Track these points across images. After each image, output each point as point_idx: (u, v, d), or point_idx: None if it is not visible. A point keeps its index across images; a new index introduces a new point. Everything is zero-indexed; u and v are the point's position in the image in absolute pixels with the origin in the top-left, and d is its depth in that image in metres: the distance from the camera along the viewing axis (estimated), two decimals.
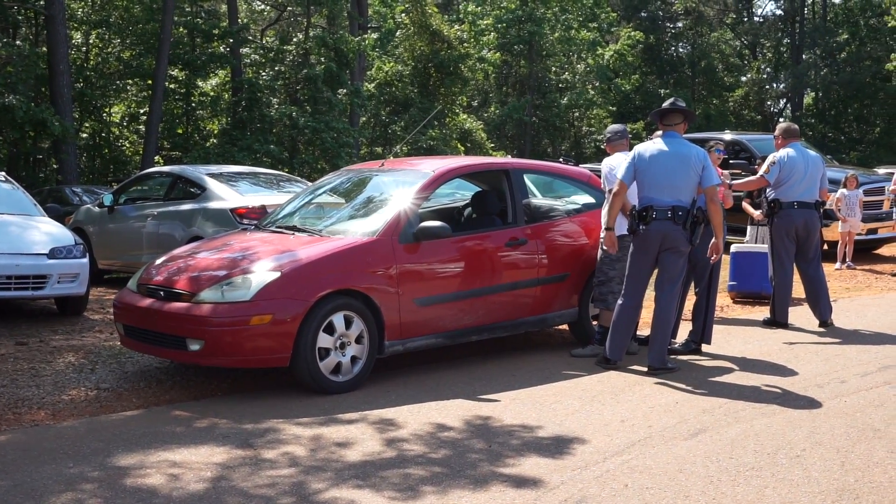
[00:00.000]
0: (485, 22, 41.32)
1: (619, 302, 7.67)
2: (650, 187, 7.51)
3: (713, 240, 7.64)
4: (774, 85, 54.47)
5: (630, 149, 8.11)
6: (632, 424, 6.06)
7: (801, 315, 9.77)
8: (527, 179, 8.72)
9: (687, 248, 7.56)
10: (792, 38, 53.05)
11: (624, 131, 8.62)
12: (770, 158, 9.62)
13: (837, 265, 14.12)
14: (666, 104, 7.83)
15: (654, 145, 7.64)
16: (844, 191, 14.16)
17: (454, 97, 33.74)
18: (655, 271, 7.78)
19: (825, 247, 13.84)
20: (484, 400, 6.69)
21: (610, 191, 7.85)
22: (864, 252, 14.96)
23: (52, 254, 9.74)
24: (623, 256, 7.90)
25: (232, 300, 6.69)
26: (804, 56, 50.94)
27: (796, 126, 10.07)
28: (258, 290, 6.67)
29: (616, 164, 8.04)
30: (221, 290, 6.76)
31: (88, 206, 14.10)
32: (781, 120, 51.69)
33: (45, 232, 10.19)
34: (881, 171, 17.72)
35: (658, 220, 7.43)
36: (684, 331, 8.62)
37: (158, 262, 7.71)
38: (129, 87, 29.95)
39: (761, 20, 57.12)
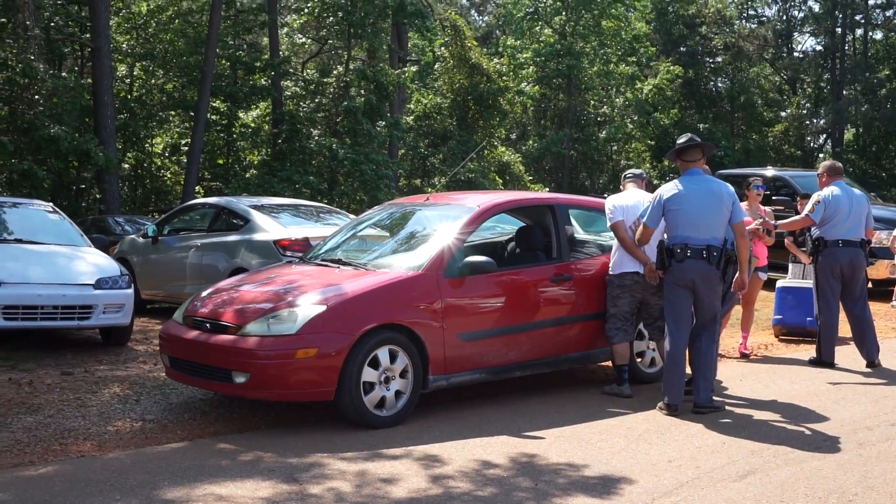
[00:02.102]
0: (524, 55, 41.47)
1: (668, 342, 7.57)
2: (684, 226, 7.44)
3: (737, 274, 7.61)
4: (814, 120, 54.08)
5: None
6: (679, 465, 5.99)
7: (847, 355, 9.64)
8: (571, 214, 8.70)
9: (721, 287, 7.51)
10: (832, 73, 52.72)
11: (641, 174, 8.64)
12: (815, 197, 9.54)
13: (893, 303, 13.95)
14: (682, 140, 7.78)
15: (681, 185, 7.57)
16: None
17: (493, 130, 33.83)
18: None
19: (870, 285, 13.68)
20: (529, 437, 6.64)
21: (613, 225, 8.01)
22: None
23: (99, 284, 9.83)
24: (624, 294, 7.94)
25: (278, 333, 6.71)
26: (844, 92, 50.59)
27: (840, 164, 9.99)
28: (304, 324, 6.69)
29: (619, 203, 8.08)
30: (268, 322, 6.79)
31: (133, 236, 14.25)
32: (822, 156, 51.39)
33: (92, 262, 10.29)
34: None
35: (692, 258, 7.39)
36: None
37: (204, 294, 7.76)
38: (171, 119, 30.29)
39: (801, 56, 56.84)
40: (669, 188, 7.64)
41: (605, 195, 9.65)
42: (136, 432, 6.84)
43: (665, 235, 7.61)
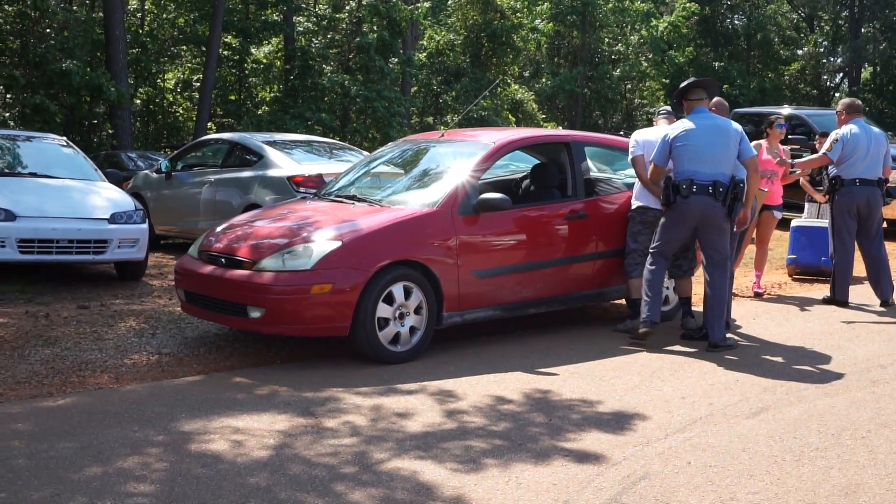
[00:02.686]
0: None
1: (648, 268, 7.63)
2: (691, 160, 7.42)
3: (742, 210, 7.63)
4: (831, 59, 53.48)
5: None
6: (692, 401, 6.02)
7: (861, 294, 9.64)
8: (587, 152, 8.65)
9: (727, 224, 7.49)
10: (851, 10, 51.98)
11: (670, 113, 8.57)
12: (833, 136, 9.46)
13: None
14: (684, 83, 7.80)
15: (688, 123, 7.57)
16: None
17: (506, 67, 33.58)
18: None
19: (885, 224, 13.61)
20: (542, 373, 6.68)
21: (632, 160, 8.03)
22: None
23: (113, 219, 9.85)
24: (645, 230, 7.91)
25: (293, 269, 6.72)
26: (863, 30, 49.91)
27: (859, 102, 9.88)
28: (319, 260, 6.70)
29: (642, 138, 8.06)
30: (283, 258, 6.80)
31: (146, 171, 14.25)
32: (838, 95, 50.89)
33: (106, 197, 10.30)
34: None
35: (697, 194, 7.37)
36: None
37: (219, 229, 7.76)
38: (183, 54, 30.13)
39: None
40: (676, 126, 7.64)
41: (621, 133, 9.58)
42: (152, 365, 6.89)
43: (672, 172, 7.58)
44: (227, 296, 6.95)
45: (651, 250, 7.69)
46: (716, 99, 8.33)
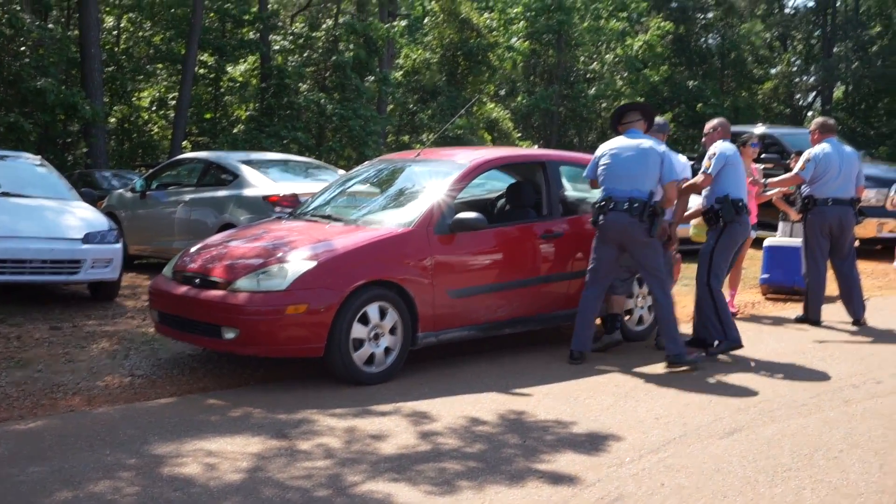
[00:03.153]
0: (514, 10, 41.16)
1: (583, 292, 7.72)
2: (610, 178, 7.59)
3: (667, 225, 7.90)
4: (804, 78, 53.96)
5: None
6: (666, 422, 6.03)
7: (834, 313, 9.69)
8: (562, 171, 8.68)
9: (649, 239, 7.53)
10: (823, 30, 52.54)
11: (663, 125, 8.61)
12: (805, 155, 9.53)
13: None
14: (619, 107, 8.05)
15: (615, 141, 7.75)
16: None
17: (482, 86, 33.66)
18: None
19: (857, 243, 13.72)
20: (517, 394, 6.68)
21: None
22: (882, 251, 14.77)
23: (87, 238, 9.79)
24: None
25: (267, 289, 6.70)
26: (835, 49, 50.45)
27: (833, 121, 9.98)
28: (294, 280, 6.68)
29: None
30: (257, 278, 6.78)
31: (121, 191, 14.18)
32: (811, 114, 51.35)
33: (80, 217, 10.24)
34: None
35: (615, 210, 7.48)
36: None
37: (193, 249, 7.74)
38: (158, 72, 30.05)
39: (792, 12, 56.59)
40: (606, 143, 7.84)
41: None
42: (125, 387, 6.85)
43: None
44: (202, 316, 6.92)
45: (587, 274, 7.76)
46: (721, 121, 8.69)
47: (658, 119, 8.69)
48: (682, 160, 8.72)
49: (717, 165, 8.08)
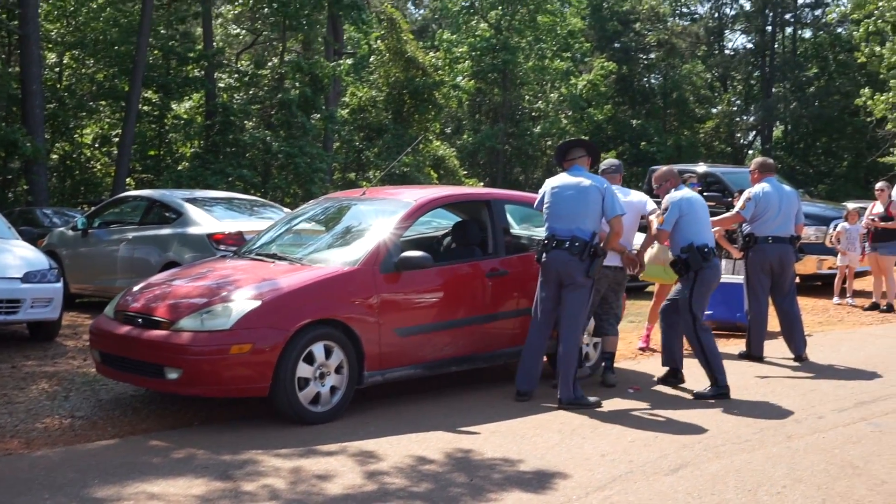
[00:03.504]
0: (459, 50, 41.57)
1: (529, 331, 7.75)
2: (552, 217, 7.65)
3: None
4: (745, 117, 55.05)
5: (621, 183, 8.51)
6: (612, 459, 6.05)
7: (776, 349, 9.82)
8: (507, 210, 8.73)
9: (585, 280, 7.53)
10: (762, 71, 53.69)
11: (618, 166, 8.72)
12: (746, 194, 9.69)
13: (836, 300, 14.21)
14: (563, 143, 8.11)
15: (558, 179, 7.80)
16: (845, 224, 14.27)
17: (428, 124, 33.84)
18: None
19: (797, 280, 13.94)
20: (464, 432, 6.66)
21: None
22: (822, 287, 15.03)
23: (27, 278, 9.64)
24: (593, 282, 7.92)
25: (211, 329, 6.63)
26: (774, 89, 51.55)
27: (772, 161, 10.17)
28: (238, 319, 6.62)
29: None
30: (201, 318, 6.71)
31: (62, 229, 13.99)
32: (751, 152, 52.27)
33: (19, 255, 10.08)
34: (850, 205, 17.90)
35: (556, 249, 7.52)
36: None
37: (136, 288, 7.64)
38: (101, 109, 29.77)
39: (732, 53, 57.79)
40: (550, 179, 7.92)
41: None
42: (65, 429, 6.72)
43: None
44: (144, 356, 6.82)
45: (532, 313, 7.79)
46: (667, 169, 8.78)
47: (613, 161, 8.82)
48: (641, 197, 8.77)
49: (672, 218, 8.17)
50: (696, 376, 8.44)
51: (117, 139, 27.94)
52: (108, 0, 28.28)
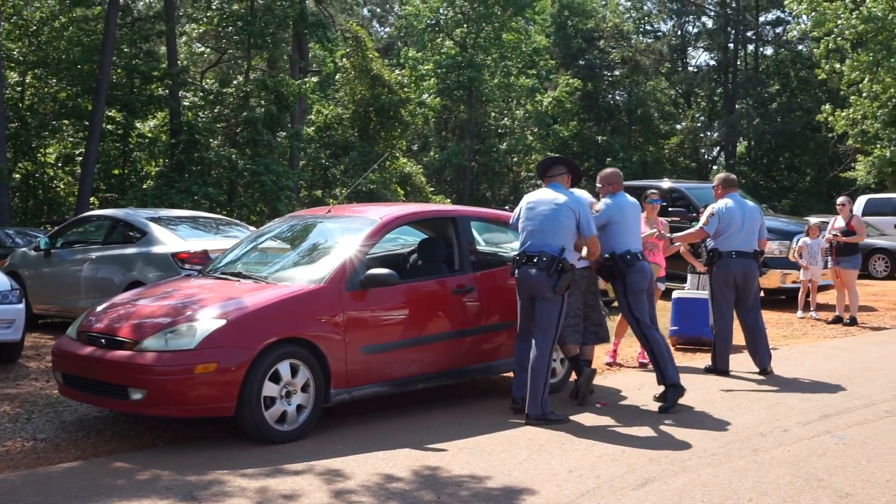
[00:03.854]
0: (425, 67, 41.68)
1: (516, 343, 7.86)
2: (524, 232, 7.73)
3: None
4: (708, 133, 55.57)
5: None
6: (580, 474, 6.05)
7: (741, 363, 9.87)
8: (473, 227, 8.74)
9: (553, 295, 7.55)
10: (725, 87, 54.21)
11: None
12: (709, 210, 9.77)
13: (800, 313, 14.32)
14: (546, 160, 8.17)
15: (536, 194, 7.89)
16: (807, 239, 14.40)
17: (394, 141, 33.87)
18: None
19: (762, 294, 14.05)
20: (431, 449, 6.64)
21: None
22: (786, 301, 15.16)
23: None
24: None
25: (176, 348, 6.58)
26: (737, 106, 52.05)
27: (734, 176, 10.27)
28: (203, 339, 6.58)
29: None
30: (165, 337, 6.65)
31: (24, 249, 13.84)
32: (716, 168, 52.74)
33: None
34: (812, 219, 18.11)
35: (526, 265, 7.59)
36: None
37: (100, 308, 7.57)
38: (64, 128, 29.52)
39: (696, 70, 58.38)
40: (529, 194, 7.99)
41: (507, 207, 9.73)
42: (27, 452, 6.63)
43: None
44: (108, 377, 6.76)
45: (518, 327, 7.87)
46: (612, 171, 8.72)
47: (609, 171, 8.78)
48: (583, 194, 8.71)
49: (599, 222, 8.16)
50: (660, 390, 8.47)
51: (81, 158, 27.71)
52: (71, 19, 28.11)
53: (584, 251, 7.81)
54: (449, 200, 37.53)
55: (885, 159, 32.01)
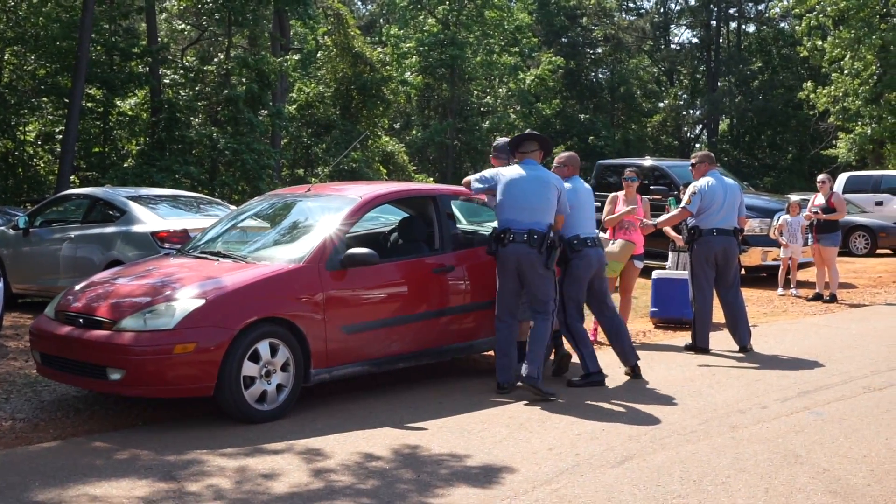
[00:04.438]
0: (407, 45, 41.52)
1: (496, 325, 7.83)
2: (510, 209, 7.71)
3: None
4: (691, 111, 55.64)
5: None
6: (559, 452, 6.07)
7: (721, 340, 9.92)
8: (453, 205, 8.72)
9: (545, 270, 7.64)
10: (707, 65, 54.28)
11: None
12: (691, 189, 9.76)
13: (780, 291, 14.39)
14: (519, 135, 8.16)
15: (513, 170, 7.87)
16: (787, 217, 14.45)
17: (376, 119, 33.75)
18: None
19: (743, 272, 14.11)
20: (411, 428, 6.65)
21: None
22: (767, 279, 15.21)
23: None
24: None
25: (155, 328, 6.55)
26: (719, 83, 52.14)
27: (712, 154, 10.29)
28: (182, 318, 6.55)
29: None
30: (144, 317, 6.62)
31: (2, 228, 13.74)
32: (698, 146, 52.85)
33: None
34: (793, 197, 18.17)
35: (515, 242, 7.60)
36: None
37: (78, 287, 7.53)
38: (44, 106, 29.27)
39: (678, 48, 58.39)
40: (506, 168, 7.98)
41: None
42: (5, 432, 6.60)
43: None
44: (86, 357, 6.73)
45: (496, 307, 7.85)
46: (570, 154, 8.65)
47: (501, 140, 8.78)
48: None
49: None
50: (643, 369, 8.50)
51: (60, 136, 27.50)
52: None
53: None
54: (432, 179, 37.48)
55: (865, 136, 32.18)
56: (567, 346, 8.51)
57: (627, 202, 10.16)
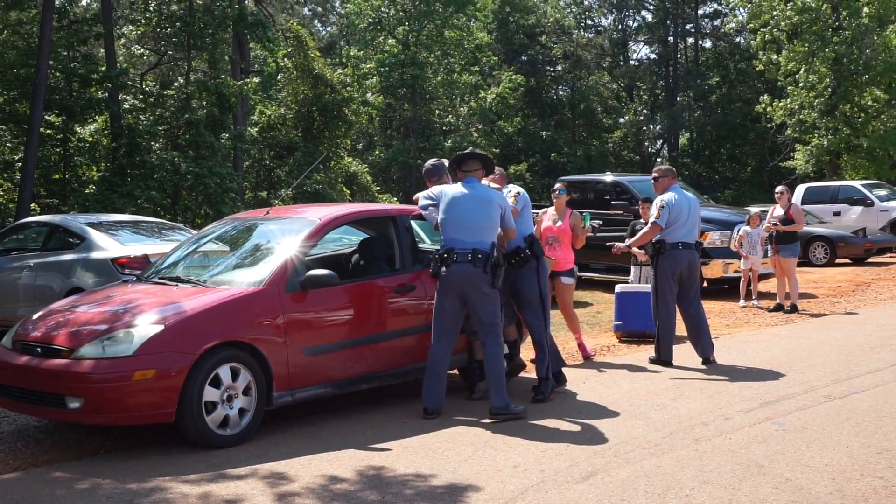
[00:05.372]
0: (367, 66, 41.55)
1: (430, 347, 7.72)
2: (453, 229, 7.62)
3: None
4: (651, 126, 56.05)
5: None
6: (524, 469, 6.07)
7: (684, 353, 9.97)
8: (414, 225, 8.72)
9: (491, 290, 7.57)
10: (666, 80, 54.75)
11: (440, 167, 8.65)
12: (658, 202, 9.80)
13: (742, 302, 14.49)
14: (460, 154, 8.08)
15: (454, 188, 7.82)
16: (747, 228, 14.57)
17: (338, 140, 33.72)
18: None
19: (705, 284, 14.21)
20: (376, 449, 6.62)
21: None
22: (728, 290, 15.34)
23: None
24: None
25: (114, 355, 6.49)
26: (678, 98, 52.61)
27: (674, 168, 10.37)
28: (141, 345, 6.49)
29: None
30: (102, 344, 6.56)
31: None
32: (659, 160, 53.19)
33: None
34: (753, 209, 18.34)
35: (458, 262, 7.50)
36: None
37: (36, 316, 7.45)
38: (2, 134, 28.99)
39: (637, 64, 58.87)
40: (448, 187, 7.92)
41: None
42: None
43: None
44: (44, 387, 6.65)
45: (433, 328, 7.76)
46: (497, 170, 8.66)
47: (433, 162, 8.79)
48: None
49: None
50: (606, 383, 8.52)
51: (20, 164, 27.23)
52: (5, 23, 27.60)
53: None
54: (396, 199, 37.47)
55: (822, 148, 32.55)
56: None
57: (559, 215, 10.17)
